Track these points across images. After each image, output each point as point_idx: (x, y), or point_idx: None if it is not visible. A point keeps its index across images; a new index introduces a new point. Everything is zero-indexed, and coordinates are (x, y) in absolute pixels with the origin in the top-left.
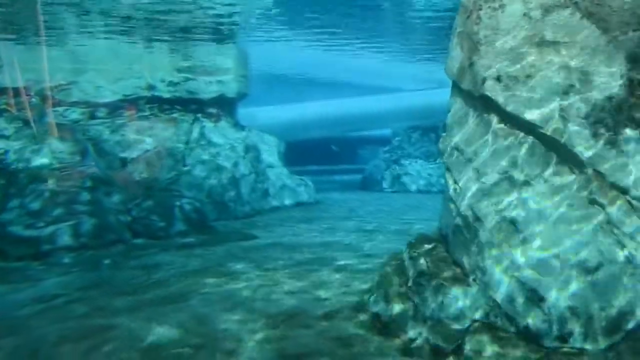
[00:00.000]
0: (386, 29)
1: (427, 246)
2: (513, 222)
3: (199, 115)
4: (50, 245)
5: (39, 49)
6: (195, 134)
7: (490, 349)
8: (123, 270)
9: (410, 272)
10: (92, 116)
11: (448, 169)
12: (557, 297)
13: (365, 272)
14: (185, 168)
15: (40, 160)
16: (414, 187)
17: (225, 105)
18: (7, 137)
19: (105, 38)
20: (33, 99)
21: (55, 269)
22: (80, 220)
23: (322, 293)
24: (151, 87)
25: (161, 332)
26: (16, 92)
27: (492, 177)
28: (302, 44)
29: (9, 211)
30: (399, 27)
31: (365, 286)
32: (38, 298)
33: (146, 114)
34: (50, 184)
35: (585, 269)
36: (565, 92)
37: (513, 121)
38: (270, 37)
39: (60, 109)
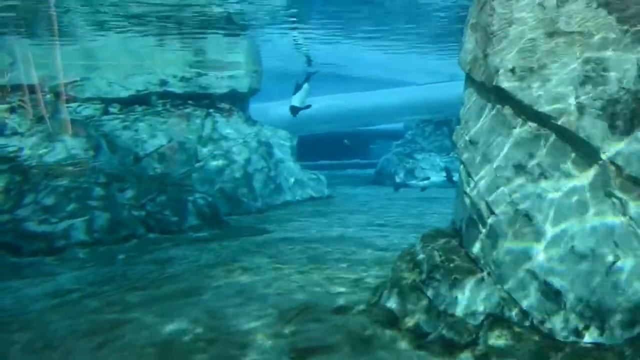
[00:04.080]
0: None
1: (441, 240)
2: (528, 215)
3: (211, 110)
4: (64, 241)
5: (52, 46)
6: (207, 129)
7: (504, 343)
8: (137, 265)
9: (424, 266)
10: (106, 112)
11: (462, 162)
12: (573, 291)
13: (378, 266)
14: (198, 163)
15: (54, 156)
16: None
17: (237, 100)
18: (21, 134)
19: (117, 33)
20: (47, 96)
21: (69, 264)
22: (94, 216)
23: (335, 287)
24: (163, 83)
25: (174, 326)
26: (30, 89)
27: (506, 170)
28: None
29: (24, 207)
30: None
31: (378, 280)
32: (52, 293)
33: (159, 109)
34: (64, 179)
35: (602, 262)
36: (581, 83)
37: (528, 113)
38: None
39: (73, 105)
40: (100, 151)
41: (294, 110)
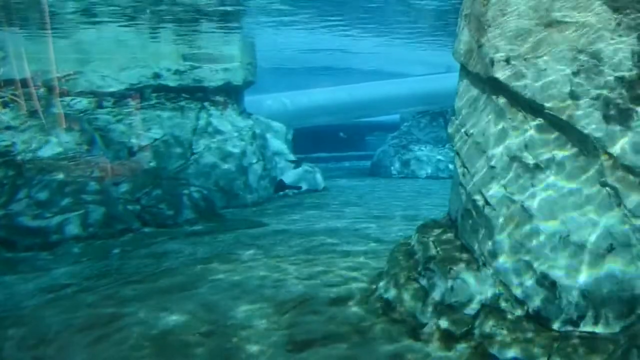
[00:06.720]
0: None
1: (437, 231)
2: (523, 205)
3: (206, 103)
4: (58, 235)
5: (44, 40)
6: (202, 122)
7: (500, 333)
8: (132, 259)
9: (420, 257)
10: (99, 106)
11: (457, 154)
12: (568, 281)
13: (374, 257)
14: (193, 156)
15: (48, 151)
16: (423, 173)
17: (232, 93)
18: (14, 128)
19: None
20: (40, 90)
21: (64, 259)
22: (88, 210)
23: (331, 279)
24: (157, 76)
25: (171, 320)
26: (23, 83)
27: (501, 160)
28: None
29: (17, 202)
30: None
31: (374, 272)
32: (47, 288)
33: (153, 102)
34: (58, 174)
35: (597, 252)
36: (576, 73)
37: (522, 103)
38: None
39: (67, 99)
40: (94, 145)
41: None
